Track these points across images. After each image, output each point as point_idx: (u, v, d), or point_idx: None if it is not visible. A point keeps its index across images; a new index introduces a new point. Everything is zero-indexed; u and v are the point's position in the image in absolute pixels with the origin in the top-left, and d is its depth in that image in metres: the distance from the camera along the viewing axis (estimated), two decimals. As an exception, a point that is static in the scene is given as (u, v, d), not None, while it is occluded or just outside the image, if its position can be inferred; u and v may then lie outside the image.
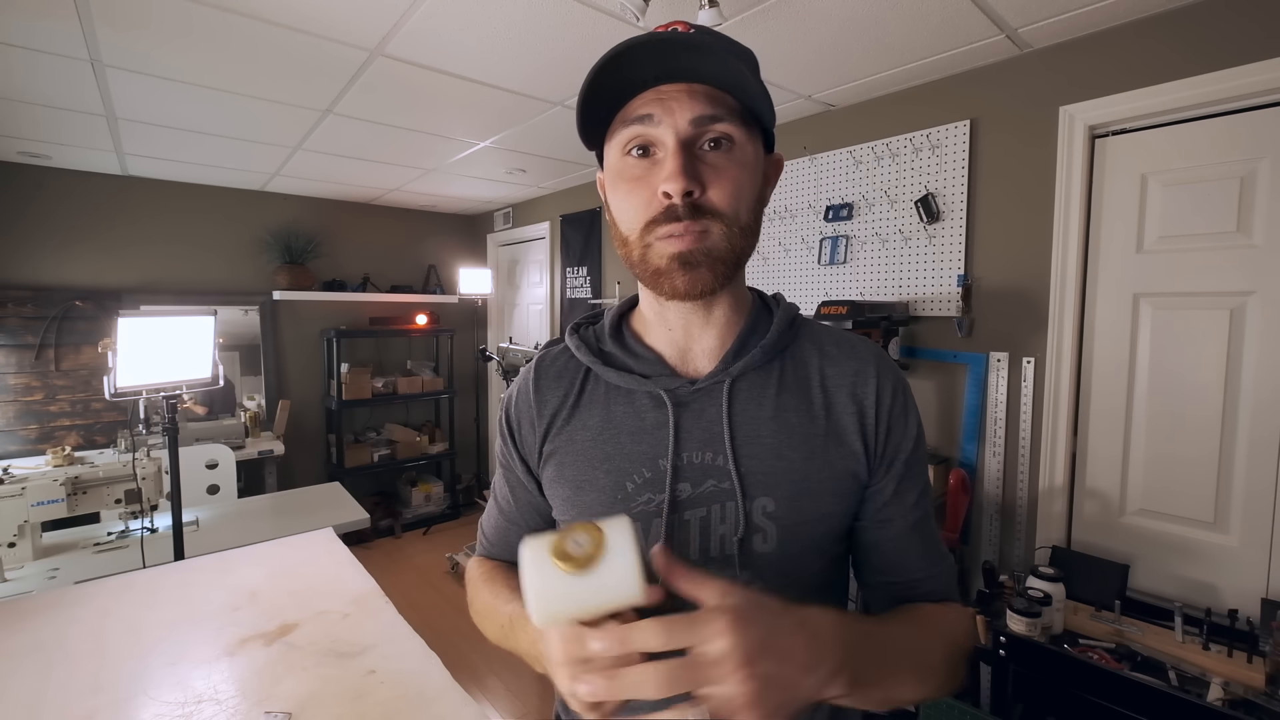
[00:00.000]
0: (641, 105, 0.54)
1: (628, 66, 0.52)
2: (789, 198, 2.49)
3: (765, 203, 0.61)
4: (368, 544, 3.95)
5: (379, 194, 4.01)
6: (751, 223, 0.57)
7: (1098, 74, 1.70)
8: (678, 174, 0.51)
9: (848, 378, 0.62)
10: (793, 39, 1.75)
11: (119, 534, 2.02)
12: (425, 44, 1.79)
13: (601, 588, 0.40)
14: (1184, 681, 1.34)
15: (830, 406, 0.61)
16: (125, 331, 1.71)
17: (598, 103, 0.55)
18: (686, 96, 0.53)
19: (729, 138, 0.54)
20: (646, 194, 0.54)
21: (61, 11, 1.59)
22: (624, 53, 0.51)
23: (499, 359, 3.67)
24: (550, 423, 0.67)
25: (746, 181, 0.55)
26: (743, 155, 0.55)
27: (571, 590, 0.41)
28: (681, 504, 0.59)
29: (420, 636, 1.21)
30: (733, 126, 0.54)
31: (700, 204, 0.53)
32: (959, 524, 1.94)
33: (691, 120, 0.53)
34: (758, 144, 0.57)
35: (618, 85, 0.54)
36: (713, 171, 0.53)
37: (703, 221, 0.53)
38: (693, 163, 0.53)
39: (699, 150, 0.54)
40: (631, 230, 0.56)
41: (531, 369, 0.71)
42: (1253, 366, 1.54)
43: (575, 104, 0.55)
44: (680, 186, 0.51)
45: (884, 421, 0.61)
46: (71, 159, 3.09)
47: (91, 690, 1.04)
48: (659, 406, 0.62)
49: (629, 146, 0.55)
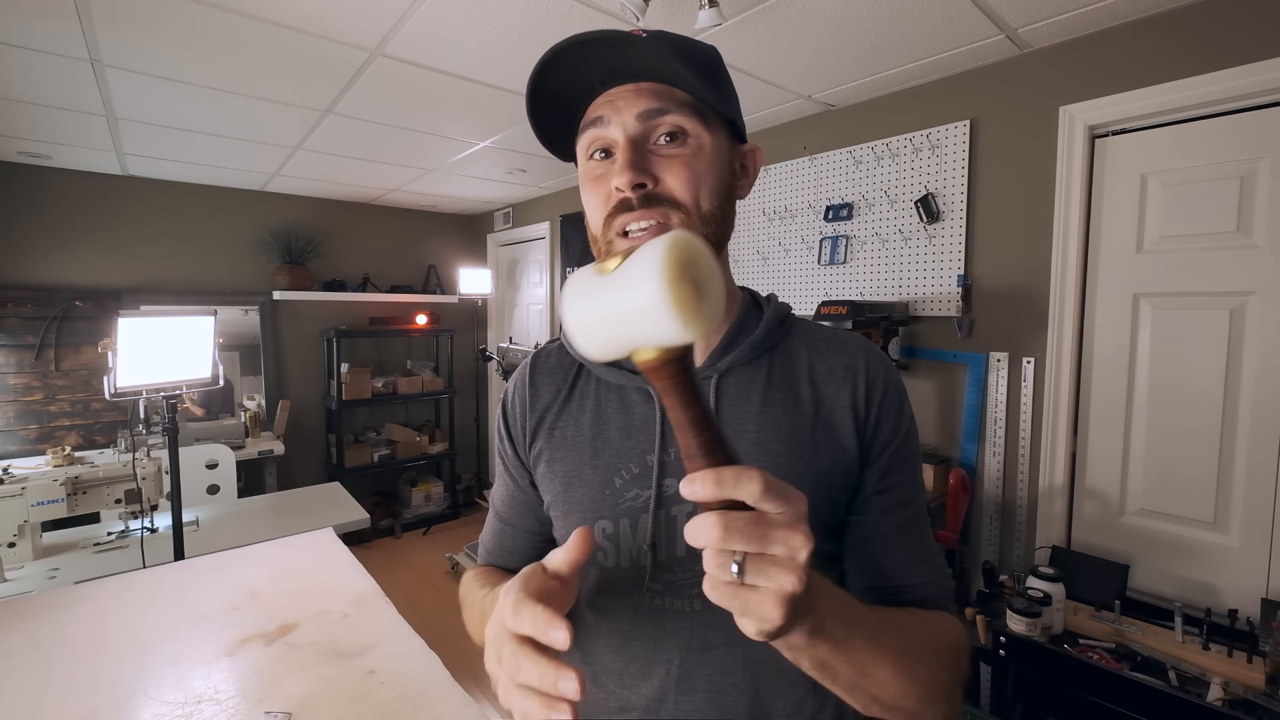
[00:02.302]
0: (594, 110, 0.57)
1: (566, 74, 0.54)
2: (789, 198, 2.49)
3: (740, 193, 0.62)
4: (368, 544, 3.95)
5: (379, 194, 4.01)
6: (715, 210, 0.57)
7: (1098, 74, 1.71)
8: (625, 168, 0.53)
9: (838, 372, 0.61)
10: (793, 39, 1.75)
11: (119, 534, 2.02)
12: (425, 44, 1.79)
13: (625, 283, 0.35)
14: (1184, 681, 1.34)
15: (820, 401, 0.61)
16: (125, 331, 1.71)
17: (550, 113, 0.58)
18: (633, 95, 0.55)
19: (681, 129, 0.55)
20: (605, 190, 0.56)
21: (61, 11, 1.59)
22: (551, 60, 0.53)
23: (499, 359, 3.67)
24: (542, 418, 0.67)
25: (704, 169, 0.56)
26: (697, 145, 0.56)
27: (596, 289, 0.37)
28: (668, 499, 0.59)
29: (420, 636, 1.21)
30: (683, 118, 0.55)
31: (656, 194, 0.54)
32: (959, 524, 1.94)
33: (638, 115, 0.54)
34: (718, 134, 0.58)
35: (569, 93, 0.56)
36: (665, 163, 0.55)
37: (660, 209, 0.54)
38: (642, 156, 0.54)
39: (653, 145, 0.55)
40: (596, 226, 0.58)
41: (528, 364, 0.72)
42: (1253, 366, 1.54)
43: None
44: (628, 179, 0.53)
45: (874, 414, 0.60)
46: (71, 159, 3.09)
47: (91, 690, 1.03)
48: (647, 402, 0.63)
49: (590, 150, 0.58)
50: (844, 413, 0.60)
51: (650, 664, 0.60)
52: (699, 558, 0.58)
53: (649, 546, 0.59)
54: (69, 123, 2.50)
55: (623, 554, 0.61)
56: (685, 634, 0.59)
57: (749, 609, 0.36)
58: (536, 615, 0.41)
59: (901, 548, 0.60)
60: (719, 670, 0.58)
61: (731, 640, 0.58)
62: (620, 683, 0.62)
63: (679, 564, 0.59)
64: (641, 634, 0.60)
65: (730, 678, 0.58)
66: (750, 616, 0.37)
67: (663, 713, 0.59)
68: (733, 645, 0.58)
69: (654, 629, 0.60)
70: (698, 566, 0.58)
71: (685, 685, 0.59)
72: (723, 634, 0.58)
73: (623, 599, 0.61)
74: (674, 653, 0.59)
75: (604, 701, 0.63)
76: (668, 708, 0.59)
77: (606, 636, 0.62)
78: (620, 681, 0.62)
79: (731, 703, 0.58)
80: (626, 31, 0.54)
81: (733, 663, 0.58)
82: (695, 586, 0.59)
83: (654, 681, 0.60)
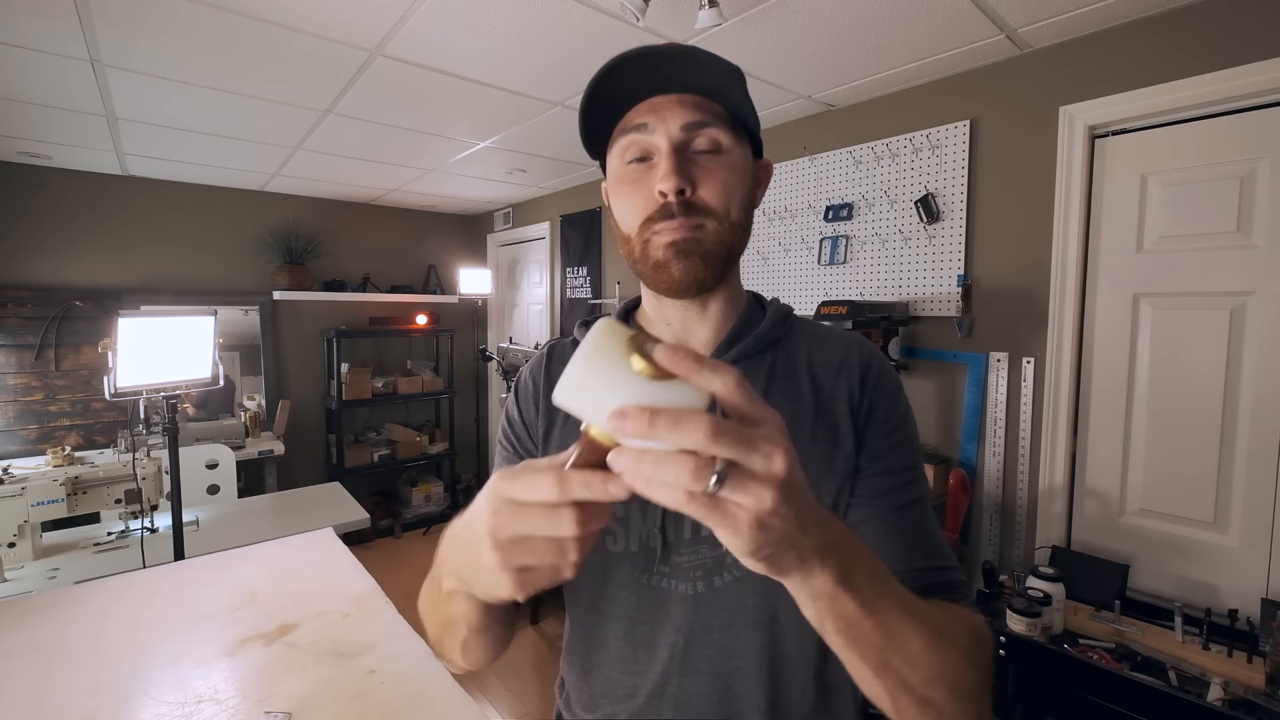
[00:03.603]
0: (637, 115, 0.58)
1: (622, 79, 0.57)
2: (789, 198, 2.49)
3: (756, 204, 0.65)
4: (368, 544, 3.95)
5: (379, 194, 4.01)
6: (742, 220, 0.61)
7: (1098, 74, 1.71)
8: (671, 174, 0.56)
9: (835, 361, 0.64)
10: (793, 39, 1.75)
11: (119, 534, 2.02)
12: (425, 44, 1.79)
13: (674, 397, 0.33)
14: (1184, 681, 1.34)
15: (818, 391, 0.63)
16: (125, 331, 1.71)
17: (597, 114, 0.60)
18: (677, 105, 0.57)
19: (718, 142, 0.58)
20: (644, 194, 0.58)
21: (61, 11, 1.59)
22: (617, 66, 0.56)
23: (499, 359, 3.67)
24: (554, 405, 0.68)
25: (736, 182, 0.59)
26: (731, 158, 0.59)
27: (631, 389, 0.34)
28: None
29: (420, 636, 1.21)
30: (721, 132, 0.58)
31: (693, 202, 0.57)
32: (959, 524, 1.94)
33: (683, 126, 0.57)
34: (746, 149, 0.61)
35: (614, 97, 0.58)
36: (704, 172, 0.58)
37: (696, 218, 0.57)
38: (685, 164, 0.57)
39: (691, 154, 0.58)
40: (631, 228, 0.60)
41: (544, 353, 0.75)
42: (1253, 366, 1.54)
43: (577, 109, 0.60)
44: (674, 185, 0.56)
45: (867, 399, 0.62)
46: (71, 159, 3.09)
47: (91, 690, 1.04)
48: None
49: (627, 154, 0.60)
50: (841, 402, 0.62)
51: (655, 647, 0.61)
52: (705, 540, 0.59)
53: (659, 530, 0.61)
54: (69, 123, 2.50)
55: (632, 536, 0.62)
56: (688, 616, 0.60)
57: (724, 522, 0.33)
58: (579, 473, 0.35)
59: (903, 530, 0.59)
60: (721, 652, 0.60)
61: (734, 622, 0.59)
62: (627, 669, 0.63)
63: (685, 546, 0.61)
64: (648, 618, 0.62)
65: (733, 660, 0.59)
66: (727, 531, 0.34)
67: (666, 695, 0.61)
68: (735, 627, 0.59)
69: (659, 612, 0.61)
70: (703, 549, 0.60)
71: (687, 667, 0.60)
72: (725, 615, 0.60)
73: (630, 583, 0.62)
74: (677, 635, 0.60)
75: (612, 689, 0.64)
76: (670, 690, 0.61)
77: (614, 623, 0.63)
78: (627, 668, 0.63)
79: (734, 685, 0.59)
80: (690, 48, 0.57)
81: (735, 645, 0.59)
82: (701, 568, 0.60)
83: (658, 665, 0.61)
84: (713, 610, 0.60)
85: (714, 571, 0.60)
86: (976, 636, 0.52)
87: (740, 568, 0.58)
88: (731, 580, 0.60)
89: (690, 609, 0.60)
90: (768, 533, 0.34)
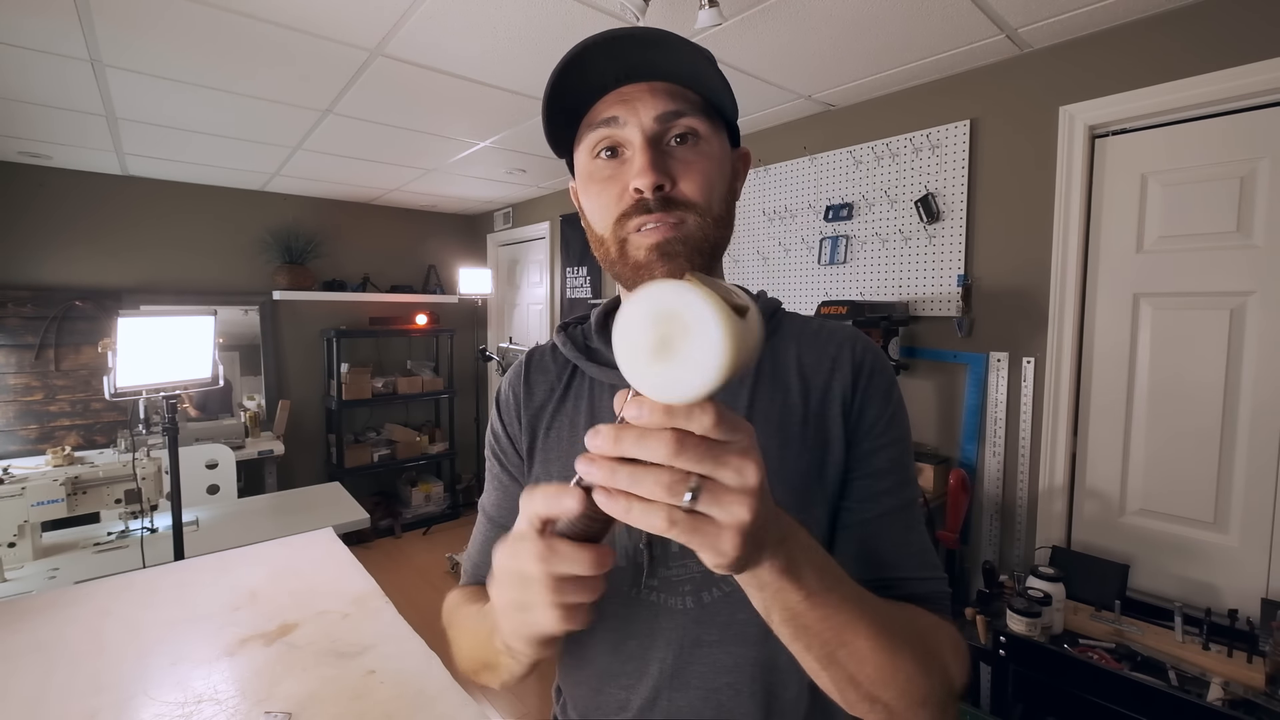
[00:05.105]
0: (605, 108, 0.54)
1: (587, 69, 0.53)
2: (789, 198, 2.49)
3: (736, 196, 0.62)
4: (368, 544, 3.95)
5: (379, 194, 4.01)
6: (724, 213, 0.57)
7: (1098, 74, 1.70)
8: (647, 169, 0.52)
9: (827, 360, 0.61)
10: (793, 39, 1.75)
11: (119, 534, 2.02)
12: (425, 44, 1.79)
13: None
14: (1184, 681, 1.34)
15: (809, 392, 0.60)
16: (125, 331, 1.71)
17: (562, 109, 0.55)
18: (649, 94, 0.53)
19: (695, 132, 0.55)
20: (616, 190, 0.55)
21: (61, 11, 1.59)
22: (581, 53, 0.52)
23: (499, 359, 3.68)
24: (536, 415, 0.67)
25: (716, 173, 0.56)
26: (709, 148, 0.56)
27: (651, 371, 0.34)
28: None
29: (420, 636, 1.21)
30: (698, 121, 0.54)
31: (672, 197, 0.54)
32: (959, 524, 1.93)
33: (656, 117, 0.53)
34: (723, 138, 0.58)
35: (580, 90, 0.54)
36: (682, 165, 0.54)
37: (677, 213, 0.54)
38: (661, 158, 0.53)
39: (666, 146, 0.54)
40: (604, 227, 0.56)
41: (522, 362, 0.72)
42: (1253, 366, 1.54)
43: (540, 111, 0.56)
44: (650, 181, 0.52)
45: (859, 399, 0.60)
46: (72, 159, 3.09)
47: (92, 690, 1.04)
48: None
49: (597, 149, 0.56)
50: (834, 402, 0.60)
51: (645, 663, 0.60)
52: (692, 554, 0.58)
53: (644, 545, 0.59)
54: (69, 123, 2.50)
55: (619, 552, 0.60)
56: (679, 631, 0.59)
57: (705, 542, 0.34)
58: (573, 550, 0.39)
59: (889, 536, 0.58)
60: (712, 668, 0.58)
61: (725, 638, 0.58)
62: (617, 684, 0.62)
63: (673, 559, 0.59)
64: (637, 633, 0.60)
65: (724, 676, 0.58)
66: (707, 550, 0.35)
67: (656, 711, 0.59)
68: (726, 643, 0.58)
69: (648, 627, 0.60)
70: (691, 562, 0.58)
71: (679, 682, 0.59)
72: (715, 631, 0.58)
73: (618, 598, 0.61)
74: (667, 650, 0.59)
75: (604, 702, 0.63)
76: (661, 705, 0.59)
77: (603, 638, 0.62)
78: (617, 683, 0.62)
79: (725, 701, 0.58)
80: (659, 30, 0.53)
81: (726, 660, 0.58)
82: (689, 583, 0.59)
83: (649, 680, 0.60)
84: (702, 626, 0.58)
85: (703, 586, 0.58)
86: (941, 646, 0.52)
87: (730, 583, 0.57)
88: (721, 596, 0.58)
89: (680, 625, 0.59)
90: (746, 544, 0.34)
